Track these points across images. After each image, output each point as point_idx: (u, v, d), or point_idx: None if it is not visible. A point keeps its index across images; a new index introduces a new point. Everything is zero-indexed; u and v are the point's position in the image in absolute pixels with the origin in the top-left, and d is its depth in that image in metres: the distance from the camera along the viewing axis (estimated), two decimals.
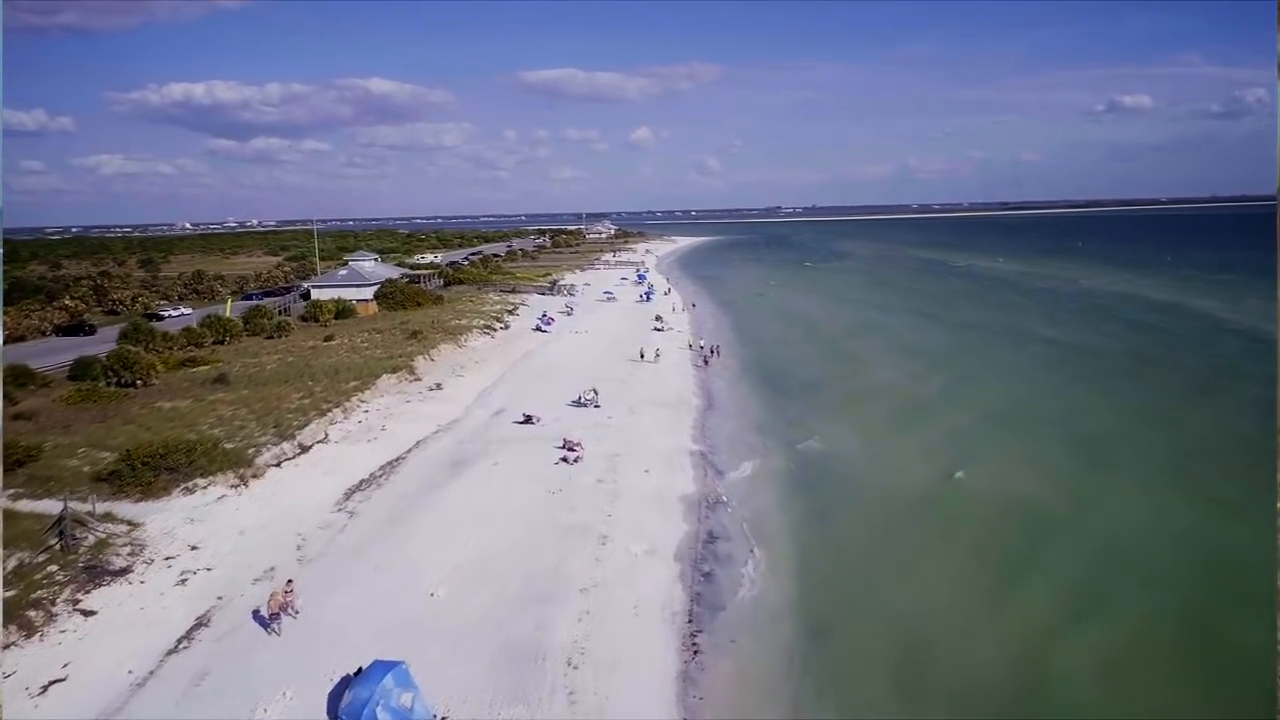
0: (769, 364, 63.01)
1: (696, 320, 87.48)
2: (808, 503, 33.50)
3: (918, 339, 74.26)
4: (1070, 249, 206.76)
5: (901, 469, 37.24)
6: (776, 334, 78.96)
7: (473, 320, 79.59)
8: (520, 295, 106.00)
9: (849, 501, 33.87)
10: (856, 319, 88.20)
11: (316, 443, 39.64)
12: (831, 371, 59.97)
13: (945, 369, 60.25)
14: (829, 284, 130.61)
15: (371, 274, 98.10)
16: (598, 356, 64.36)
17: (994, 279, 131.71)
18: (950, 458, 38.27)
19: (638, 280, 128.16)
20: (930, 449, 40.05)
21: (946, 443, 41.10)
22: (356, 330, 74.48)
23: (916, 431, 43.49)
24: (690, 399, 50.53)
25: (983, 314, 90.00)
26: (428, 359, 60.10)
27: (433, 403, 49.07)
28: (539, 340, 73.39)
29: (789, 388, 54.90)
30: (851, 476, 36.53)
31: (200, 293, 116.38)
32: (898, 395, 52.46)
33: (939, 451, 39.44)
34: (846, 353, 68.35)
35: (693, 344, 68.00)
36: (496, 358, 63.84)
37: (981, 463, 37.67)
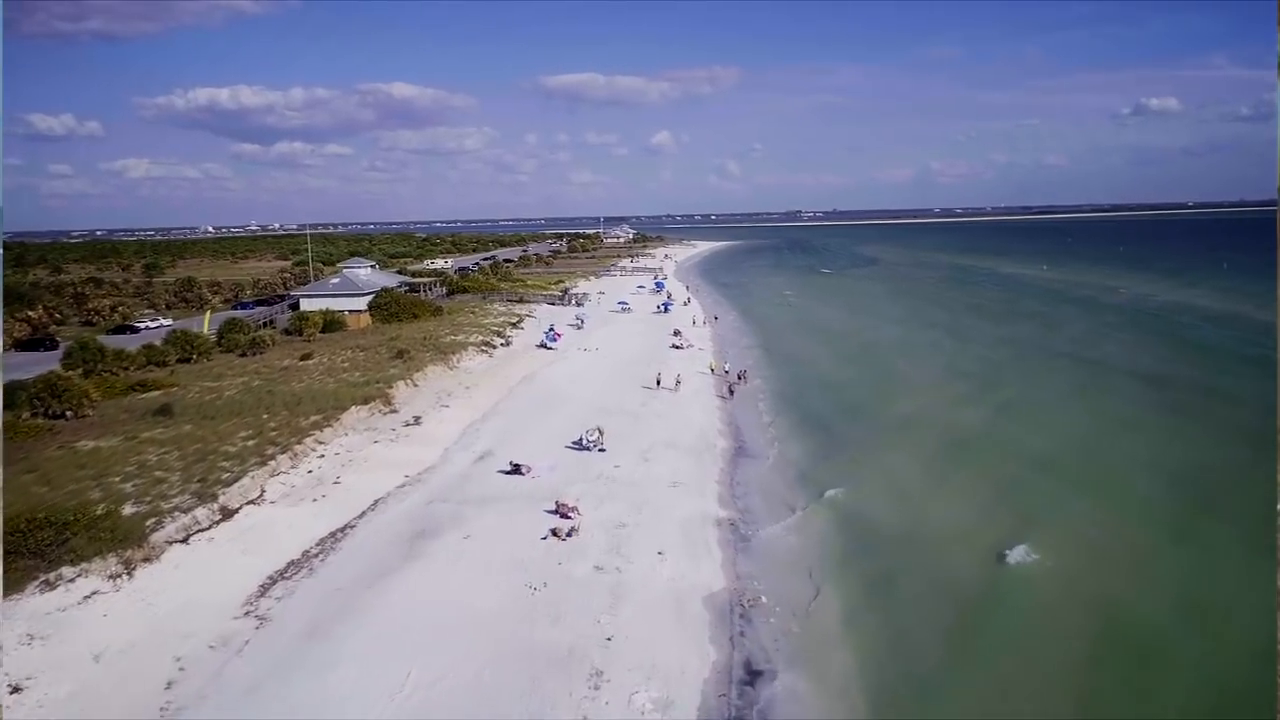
0: (804, 392, 54.46)
1: (719, 335, 79.02)
2: (862, 603, 25.11)
3: (970, 360, 65.47)
4: (1112, 254, 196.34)
5: (968, 544, 28.84)
6: (808, 353, 70.33)
7: (470, 335, 71.58)
8: (528, 305, 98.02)
9: (912, 600, 25.36)
10: (896, 335, 79.38)
11: (247, 503, 31.62)
12: (878, 403, 51.26)
13: (1005, 398, 51.42)
14: (861, 294, 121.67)
15: (366, 282, 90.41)
16: (608, 381, 56.12)
17: (1043, 290, 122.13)
18: (1012, 523, 29.95)
19: (655, 289, 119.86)
20: (993, 509, 31.91)
21: (1007, 499, 32.98)
22: (340, 347, 66.70)
23: (972, 483, 35.33)
24: (715, 440, 42.09)
25: (1039, 331, 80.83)
26: (410, 384, 52.07)
27: (406, 444, 40.98)
28: (542, 359, 65.22)
29: (829, 422, 46.40)
30: (920, 562, 27.99)
31: (189, 301, 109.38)
32: (952, 431, 43.93)
33: (1001, 516, 31.08)
34: (890, 376, 59.66)
35: (715, 368, 59.38)
36: (491, 382, 55.72)
37: (1046, 534, 29.16)
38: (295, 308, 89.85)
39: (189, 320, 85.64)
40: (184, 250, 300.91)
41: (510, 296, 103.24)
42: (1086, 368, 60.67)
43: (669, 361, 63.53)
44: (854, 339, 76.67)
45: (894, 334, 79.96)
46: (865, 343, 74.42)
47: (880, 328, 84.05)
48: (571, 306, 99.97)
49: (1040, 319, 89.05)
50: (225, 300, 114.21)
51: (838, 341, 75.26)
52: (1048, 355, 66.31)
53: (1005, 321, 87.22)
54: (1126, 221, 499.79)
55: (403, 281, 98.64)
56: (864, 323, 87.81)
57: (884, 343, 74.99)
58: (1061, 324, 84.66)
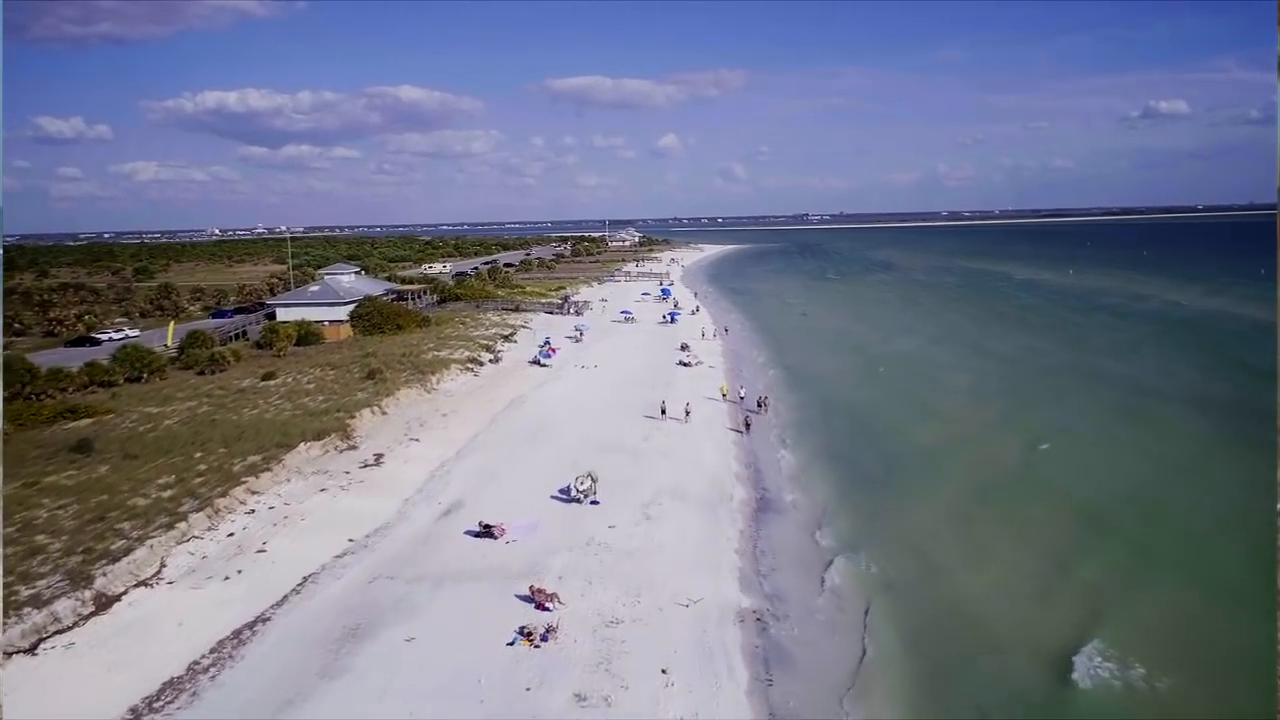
0: (828, 421, 47.33)
1: (730, 350, 71.95)
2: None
3: (1000, 379, 58.28)
4: (1136, 259, 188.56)
5: (1028, 646, 22.01)
6: (829, 371, 63.19)
7: (456, 351, 64.72)
8: (523, 315, 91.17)
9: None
10: (922, 350, 72.19)
11: (136, 585, 24.80)
12: (908, 435, 44.04)
13: (1042, 427, 43.90)
14: (878, 302, 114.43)
15: (349, 290, 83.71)
16: (606, 407, 49.15)
17: (1072, 296, 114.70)
18: (1074, 612, 23.05)
19: (661, 296, 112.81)
20: (1050, 589, 25.34)
21: (1063, 574, 26.32)
22: (309, 364, 59.92)
23: (1021, 550, 28.57)
24: (731, 487, 35.06)
25: (1071, 343, 73.53)
26: (377, 412, 45.20)
27: (358, 492, 34.07)
28: (534, 379, 58.30)
29: (858, 461, 39.39)
30: (977, 676, 21.13)
31: (164, 309, 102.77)
32: (989, 470, 37.05)
33: (1061, 600, 24.27)
34: (919, 400, 52.52)
35: (727, 392, 51.89)
36: (472, 408, 48.81)
37: (1116, 629, 22.43)
38: (271, 317, 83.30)
39: (161, 330, 79.04)
40: (182, 253, 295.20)
41: (505, 304, 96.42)
42: (1126, 388, 53.60)
43: (675, 382, 56.60)
44: (876, 354, 69.55)
45: (919, 348, 72.78)
46: (889, 359, 67.33)
47: (903, 340, 76.89)
48: (571, 316, 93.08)
49: (1071, 329, 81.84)
50: (205, 308, 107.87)
51: (860, 358, 68.13)
52: (1083, 373, 59.20)
53: (1033, 332, 79.92)
54: (1139, 225, 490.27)
55: (389, 289, 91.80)
56: (885, 335, 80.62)
57: (909, 358, 67.87)
58: (1094, 335, 77.52)
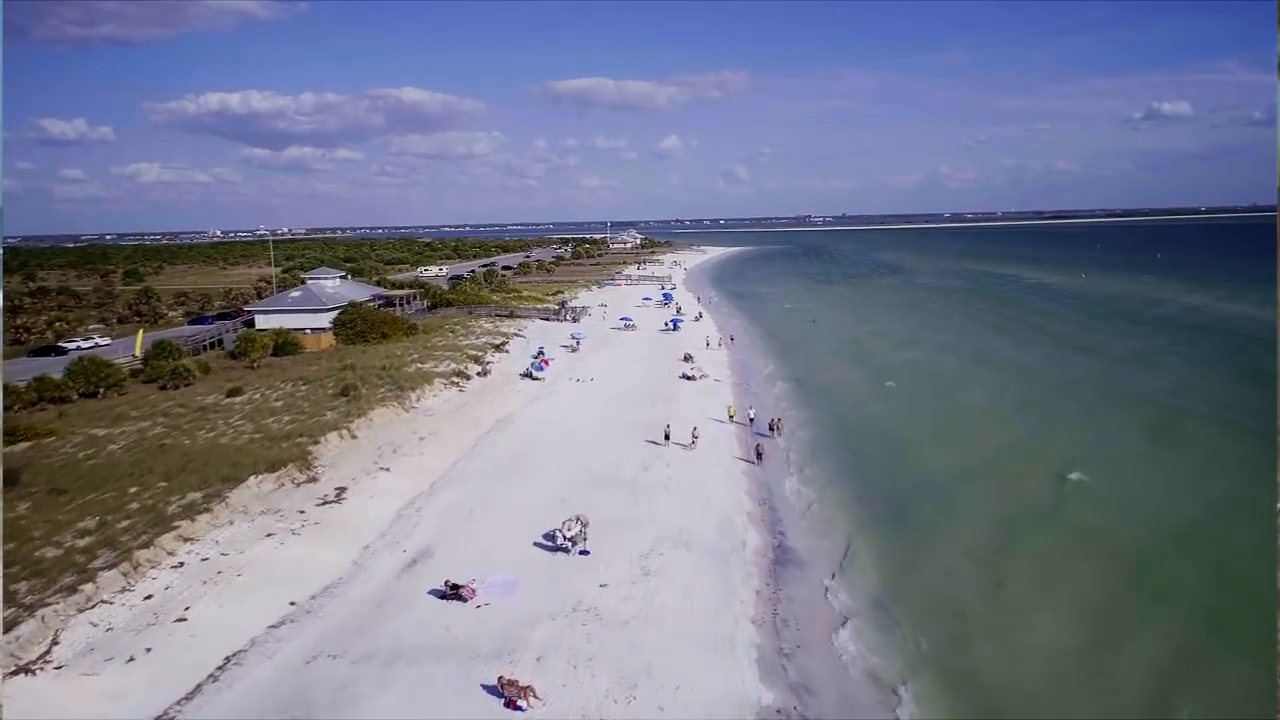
0: (847, 445, 42.52)
1: (737, 361, 67.20)
2: None
3: (1024, 393, 53.65)
4: (1149, 261, 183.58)
5: None
6: (844, 385, 58.45)
7: (441, 363, 60.02)
8: (518, 322, 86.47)
9: None
10: (940, 361, 67.34)
11: (12, 673, 20.09)
12: (937, 463, 39.36)
13: (1074, 452, 39.33)
14: (891, 307, 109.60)
15: (332, 296, 79.11)
16: (602, 428, 44.44)
17: (1089, 301, 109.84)
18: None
19: (663, 301, 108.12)
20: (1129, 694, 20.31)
21: (1139, 672, 21.72)
22: (282, 378, 55.26)
23: (1079, 629, 23.92)
24: (744, 531, 30.30)
25: (1095, 354, 68.74)
26: (345, 436, 40.52)
27: (311, 537, 29.38)
28: (524, 395, 53.62)
29: (884, 495, 34.75)
30: None
31: (142, 315, 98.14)
32: (1027, 510, 32.55)
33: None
34: (944, 420, 47.90)
35: (734, 413, 46.73)
36: (454, 430, 44.11)
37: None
38: (251, 325, 78.72)
39: (145, 337, 74.32)
40: (177, 255, 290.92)
41: (499, 310, 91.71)
42: (1155, 404, 49.31)
43: (678, 398, 51.91)
44: (890, 365, 64.82)
45: (933, 358, 67.95)
46: (903, 370, 62.63)
47: (916, 349, 72.13)
48: (567, 323, 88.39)
49: (1089, 336, 76.96)
50: (187, 313, 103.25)
51: (874, 370, 63.37)
52: (1107, 387, 54.88)
53: (1052, 340, 75.13)
54: (1143, 227, 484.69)
55: (376, 294, 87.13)
56: (898, 343, 75.86)
57: (924, 370, 63.15)
58: (1114, 342, 73.00)
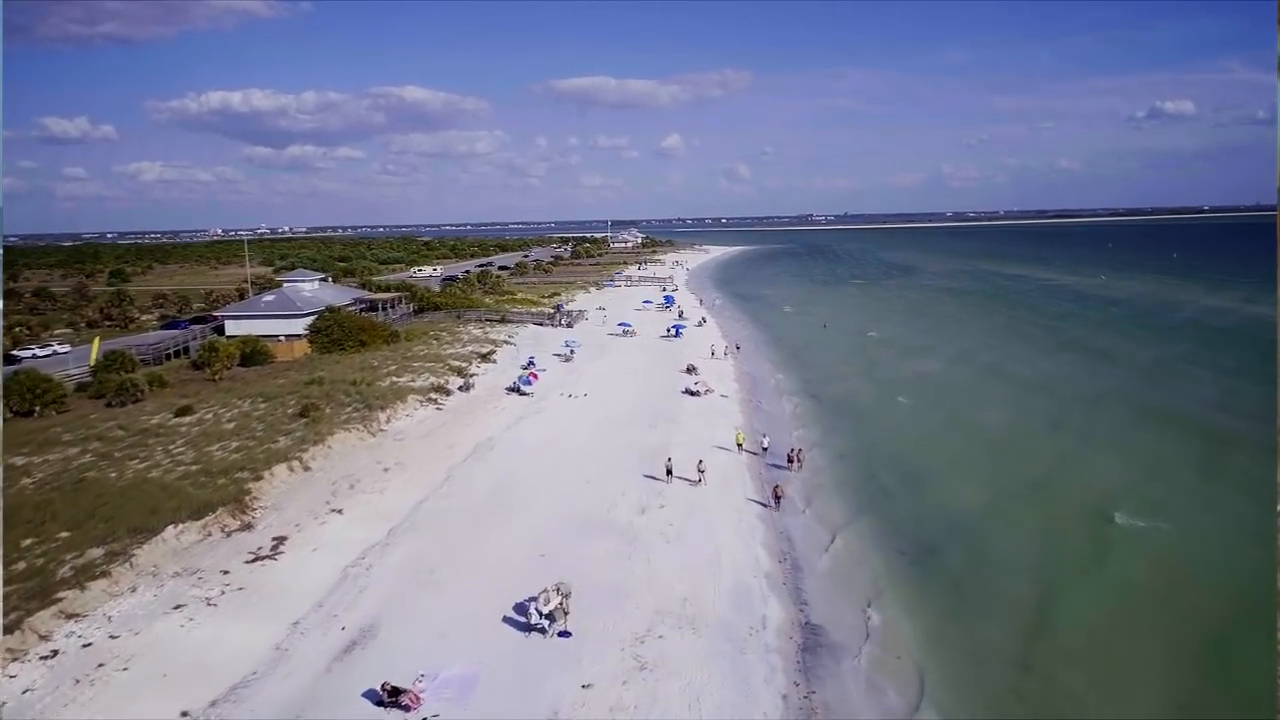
0: (876, 481, 36.85)
1: (745, 373, 61.55)
2: None
3: (1056, 414, 48.14)
4: (1165, 262, 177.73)
5: None
6: (863, 403, 52.76)
7: (420, 376, 54.52)
8: (509, 327, 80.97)
9: None
10: (965, 378, 61.63)
11: None
12: (966, 506, 33.89)
13: (1124, 489, 34.05)
14: (906, 312, 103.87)
15: (309, 300, 73.58)
16: (594, 456, 38.89)
17: (1115, 304, 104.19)
18: None
19: (664, 304, 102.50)
20: None
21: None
22: (241, 393, 49.77)
23: None
24: (763, 603, 24.66)
25: (1132, 366, 63.20)
26: (298, 467, 35.03)
27: (234, 606, 23.85)
28: (509, 413, 48.05)
29: (927, 546, 29.23)
30: None
31: (113, 319, 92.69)
32: (1084, 584, 27.13)
33: None
34: (974, 452, 42.40)
35: (743, 440, 40.55)
36: (425, 458, 38.56)
37: None
38: (221, 331, 73.26)
39: (112, 343, 68.75)
40: (170, 255, 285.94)
41: (490, 315, 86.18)
42: (1196, 427, 44.19)
43: (680, 417, 46.35)
44: (911, 379, 59.28)
45: (956, 371, 62.31)
46: (926, 385, 57.15)
47: (938, 360, 66.44)
48: (562, 328, 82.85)
49: (1117, 342, 71.68)
50: (163, 317, 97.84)
51: (891, 385, 57.72)
52: (1141, 404, 50.00)
53: (1077, 348, 69.72)
54: (1150, 226, 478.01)
55: (358, 298, 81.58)
56: (917, 353, 70.13)
57: (949, 385, 57.51)
58: (1143, 350, 68.14)
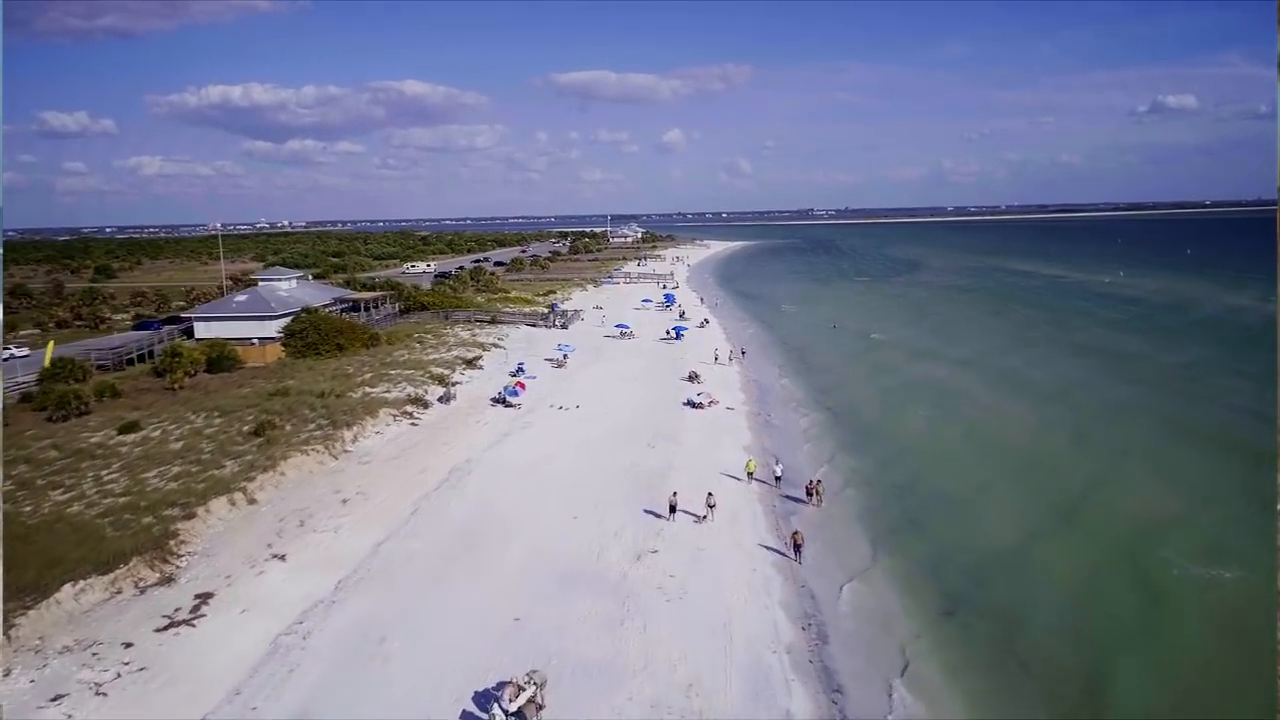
0: (910, 520, 32.07)
1: (752, 381, 56.74)
2: None
3: (1101, 435, 43.37)
4: (1179, 258, 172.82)
5: None
6: (883, 416, 47.96)
7: (397, 385, 49.76)
8: (499, 328, 76.14)
9: None
10: (989, 388, 56.95)
11: None
12: (1018, 554, 29.21)
13: (1189, 549, 28.92)
14: (920, 312, 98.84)
15: (284, 300, 68.71)
16: (584, 483, 34.10)
17: (1137, 302, 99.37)
18: None
19: (664, 303, 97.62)
20: None
21: None
22: (197, 406, 45.01)
23: None
24: (784, 692, 19.82)
25: (1172, 376, 58.46)
26: (240, 501, 30.25)
27: (127, 695, 19.12)
28: (492, 429, 43.23)
29: (974, 620, 24.51)
30: None
31: (83, 319, 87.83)
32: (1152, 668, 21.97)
33: None
34: (1016, 478, 37.73)
35: (755, 469, 35.28)
36: (392, 485, 33.78)
37: None
38: (190, 334, 68.44)
39: (64, 347, 63.88)
40: (163, 250, 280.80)
41: (480, 315, 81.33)
42: (1246, 449, 38.15)
43: (681, 435, 41.58)
44: (929, 386, 54.81)
45: (980, 379, 57.67)
46: (946, 394, 52.66)
47: (963, 368, 61.73)
48: (556, 329, 78.06)
49: (1150, 348, 66.54)
50: (137, 316, 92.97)
51: (910, 393, 53.22)
52: (1178, 420, 45.09)
53: (1104, 354, 64.97)
54: (1157, 221, 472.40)
55: (338, 297, 76.67)
56: (935, 358, 65.35)
57: (973, 396, 52.83)
58: (1169, 355, 63.38)
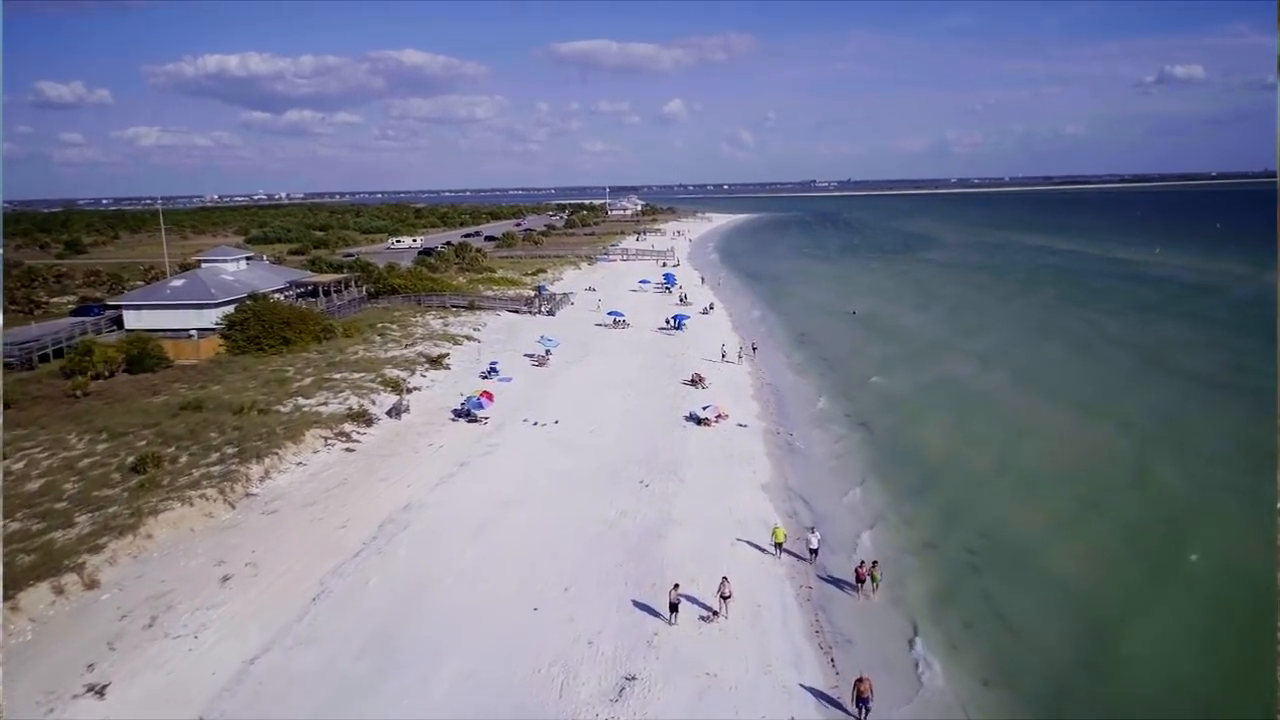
0: (1009, 625, 23.55)
1: (765, 385, 48.03)
2: None
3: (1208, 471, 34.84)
4: (1209, 231, 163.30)
5: None
6: (945, 449, 39.14)
7: (339, 392, 41.10)
8: (476, 316, 67.30)
9: None
10: (1068, 406, 48.32)
11: None
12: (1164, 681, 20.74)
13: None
14: (945, 295, 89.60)
15: (229, 286, 59.84)
16: (553, 550, 25.58)
17: (1186, 287, 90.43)
18: None
19: (664, 284, 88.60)
20: None
21: None
22: (90, 421, 36.47)
23: None
24: None
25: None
26: (72, 587, 21.74)
27: None
28: (447, 454, 34.62)
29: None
30: None
31: (17, 302, 79.06)
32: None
33: None
34: (1145, 556, 29.33)
35: (784, 538, 26.00)
36: (300, 547, 25.23)
37: None
38: (120, 324, 59.70)
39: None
40: (144, 223, 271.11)
41: (457, 300, 72.40)
42: None
43: (685, 468, 32.99)
44: (979, 397, 46.42)
45: (1035, 388, 49.11)
46: (999, 407, 44.31)
47: (1001, 364, 53.16)
48: (542, 316, 69.25)
49: (1245, 357, 57.95)
50: (84, 299, 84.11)
51: (958, 404, 44.82)
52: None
53: (1182, 367, 56.33)
54: (1170, 193, 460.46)
55: (294, 281, 67.61)
56: (975, 357, 56.69)
57: (1032, 412, 44.36)
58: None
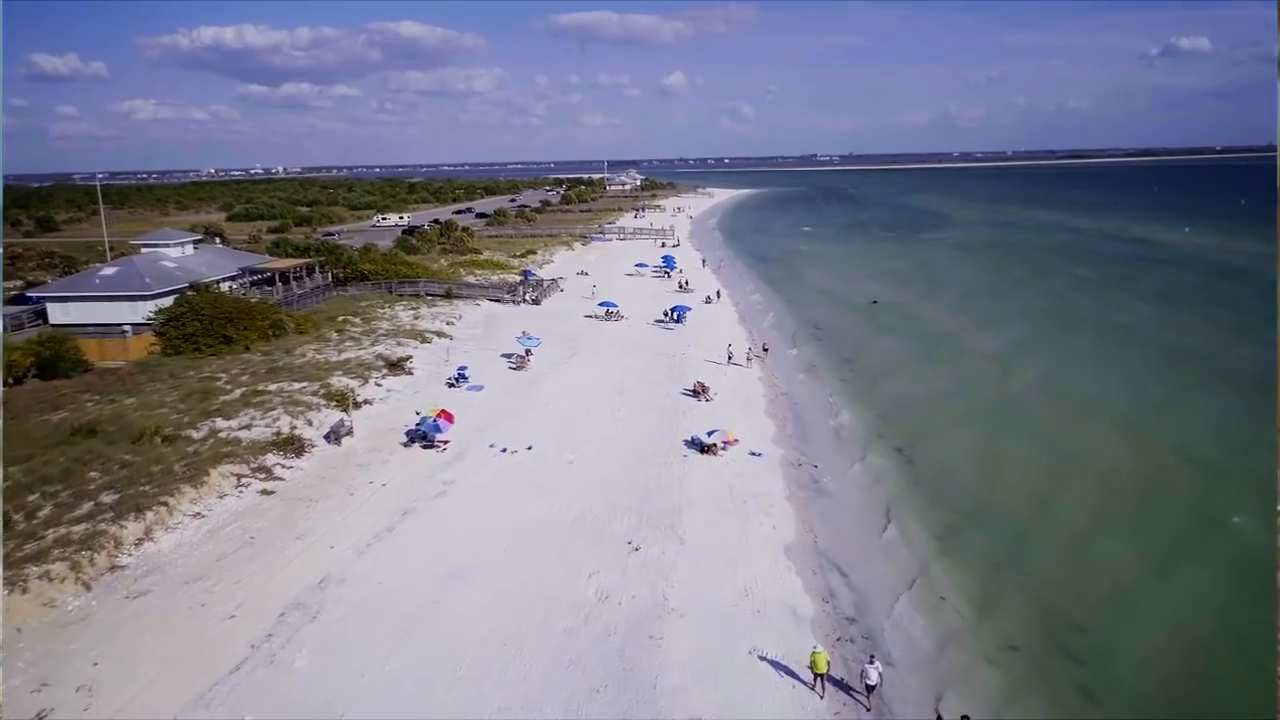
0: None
1: (781, 397, 41.09)
2: None
3: None
4: (1234, 209, 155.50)
5: None
6: (1011, 489, 32.45)
7: (270, 409, 34.12)
8: (455, 306, 60.22)
9: None
10: (1156, 435, 41.50)
11: None
12: None
13: None
14: (975, 281, 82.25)
15: (169, 274, 52.68)
16: (507, 662, 18.82)
17: (1237, 275, 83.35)
18: None
19: (662, 267, 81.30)
20: None
21: None
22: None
23: None
24: None
25: None
26: None
27: None
28: (390, 497, 27.74)
29: None
30: None
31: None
32: None
33: None
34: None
35: (825, 666, 17.98)
36: (161, 654, 18.41)
37: None
38: (43, 316, 52.66)
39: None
40: (129, 198, 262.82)
41: (432, 287, 65.21)
42: None
43: (684, 520, 26.22)
44: (1045, 418, 39.52)
45: (1114, 403, 42.35)
46: (1071, 426, 37.46)
47: (1071, 372, 46.35)
48: (527, 305, 62.17)
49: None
50: (31, 284, 76.88)
51: (1019, 425, 38.03)
52: None
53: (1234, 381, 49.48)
54: (1175, 166, 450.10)
55: (247, 268, 60.20)
56: (1025, 358, 49.89)
57: (1120, 433, 37.60)
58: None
